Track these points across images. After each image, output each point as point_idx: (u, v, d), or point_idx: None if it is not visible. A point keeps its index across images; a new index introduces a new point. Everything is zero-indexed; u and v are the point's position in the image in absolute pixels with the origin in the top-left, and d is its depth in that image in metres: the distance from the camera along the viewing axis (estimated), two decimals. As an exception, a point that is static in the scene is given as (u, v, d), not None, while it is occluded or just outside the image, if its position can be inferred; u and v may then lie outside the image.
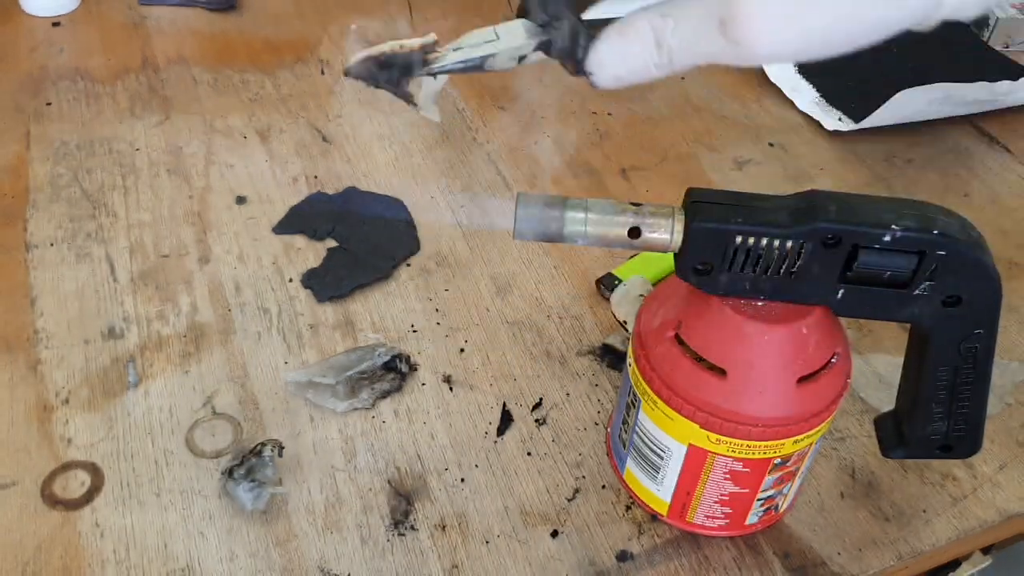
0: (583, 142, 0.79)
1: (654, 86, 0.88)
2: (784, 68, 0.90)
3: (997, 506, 0.54)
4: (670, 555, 0.50)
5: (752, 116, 0.85)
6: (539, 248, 0.69)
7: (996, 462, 0.56)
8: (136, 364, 0.58)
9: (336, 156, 0.76)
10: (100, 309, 0.62)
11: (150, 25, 0.90)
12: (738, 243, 0.40)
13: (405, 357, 0.59)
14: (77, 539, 0.49)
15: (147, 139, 0.76)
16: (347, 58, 0.39)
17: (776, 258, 0.41)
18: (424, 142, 0.78)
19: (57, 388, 0.57)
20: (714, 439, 0.44)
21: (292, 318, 0.62)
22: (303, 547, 0.50)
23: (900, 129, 0.83)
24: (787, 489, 0.49)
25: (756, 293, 0.42)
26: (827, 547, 0.51)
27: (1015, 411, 0.59)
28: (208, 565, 0.49)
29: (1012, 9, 0.94)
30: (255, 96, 0.82)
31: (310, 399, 0.57)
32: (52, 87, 0.81)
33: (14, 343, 0.59)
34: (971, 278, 0.41)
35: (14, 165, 0.73)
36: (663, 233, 0.41)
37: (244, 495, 0.50)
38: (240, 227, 0.69)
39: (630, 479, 0.51)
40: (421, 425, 0.56)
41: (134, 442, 0.54)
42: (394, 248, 0.67)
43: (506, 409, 0.57)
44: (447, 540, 0.51)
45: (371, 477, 0.53)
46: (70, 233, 0.67)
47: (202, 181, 0.72)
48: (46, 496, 0.51)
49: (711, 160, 0.79)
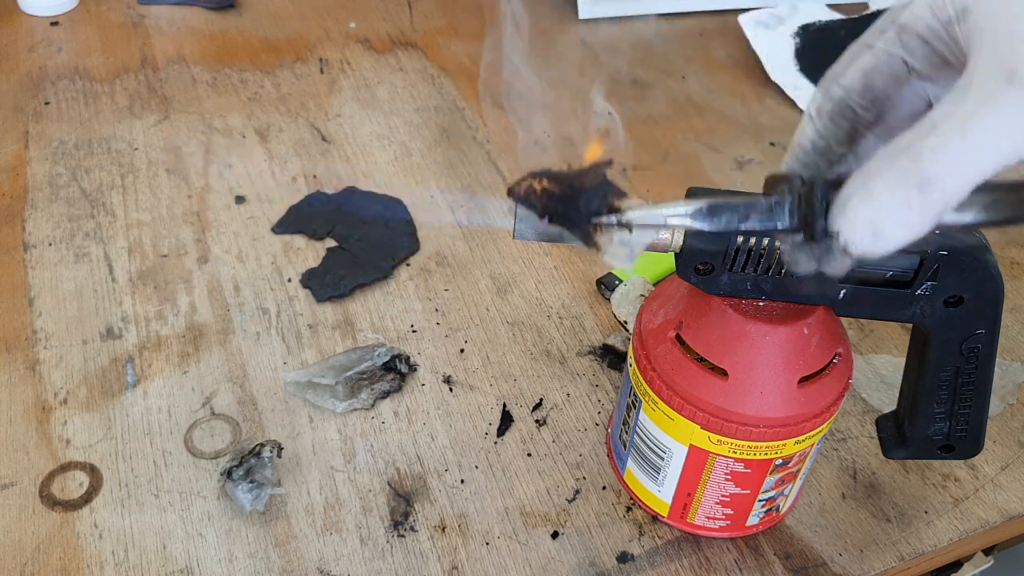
0: (583, 141, 0.79)
1: (654, 86, 0.88)
2: (785, 67, 0.89)
3: (999, 507, 0.54)
4: (671, 556, 0.50)
5: (753, 115, 0.84)
6: (539, 248, 0.68)
7: (998, 463, 0.56)
8: (135, 364, 0.58)
9: (335, 156, 0.76)
10: (99, 309, 0.61)
11: (149, 24, 0.90)
12: (739, 243, 0.40)
13: (405, 357, 0.59)
14: (76, 540, 0.49)
15: (146, 138, 0.76)
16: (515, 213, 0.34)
17: (777, 258, 0.40)
18: (424, 142, 0.78)
19: (56, 388, 0.56)
20: (715, 440, 0.44)
21: (291, 318, 0.62)
22: (302, 548, 0.50)
23: (901, 128, 0.82)
24: (788, 490, 0.49)
25: (757, 293, 0.42)
26: (828, 548, 0.51)
27: (1017, 411, 0.59)
28: (207, 566, 0.48)
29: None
30: (254, 95, 0.82)
31: (309, 399, 0.56)
32: (51, 86, 0.81)
33: (13, 343, 0.59)
34: (973, 278, 0.41)
35: (13, 165, 0.72)
36: (664, 233, 0.40)
37: (243, 496, 0.50)
38: (239, 227, 0.68)
39: (631, 480, 0.51)
40: (421, 426, 0.56)
41: (133, 443, 0.54)
42: (394, 248, 0.67)
43: (506, 409, 0.57)
44: (447, 541, 0.50)
45: (371, 478, 0.53)
46: (69, 233, 0.67)
47: (201, 181, 0.72)
48: (44, 497, 0.51)
49: (712, 159, 0.79)
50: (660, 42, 0.94)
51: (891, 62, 0.32)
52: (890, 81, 0.33)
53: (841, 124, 0.34)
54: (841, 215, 0.29)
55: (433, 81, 0.85)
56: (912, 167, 0.28)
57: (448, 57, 0.88)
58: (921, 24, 0.31)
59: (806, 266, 0.34)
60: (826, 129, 0.34)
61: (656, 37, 0.94)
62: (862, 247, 0.29)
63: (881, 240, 0.29)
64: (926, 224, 0.28)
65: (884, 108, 0.34)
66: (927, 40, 0.31)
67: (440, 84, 0.85)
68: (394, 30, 0.92)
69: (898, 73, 0.33)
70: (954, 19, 0.30)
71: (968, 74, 0.28)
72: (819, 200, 0.31)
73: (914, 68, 0.32)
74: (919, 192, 0.28)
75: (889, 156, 0.28)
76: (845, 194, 0.29)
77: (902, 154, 0.28)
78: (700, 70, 0.90)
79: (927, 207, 0.28)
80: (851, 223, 0.29)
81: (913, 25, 0.32)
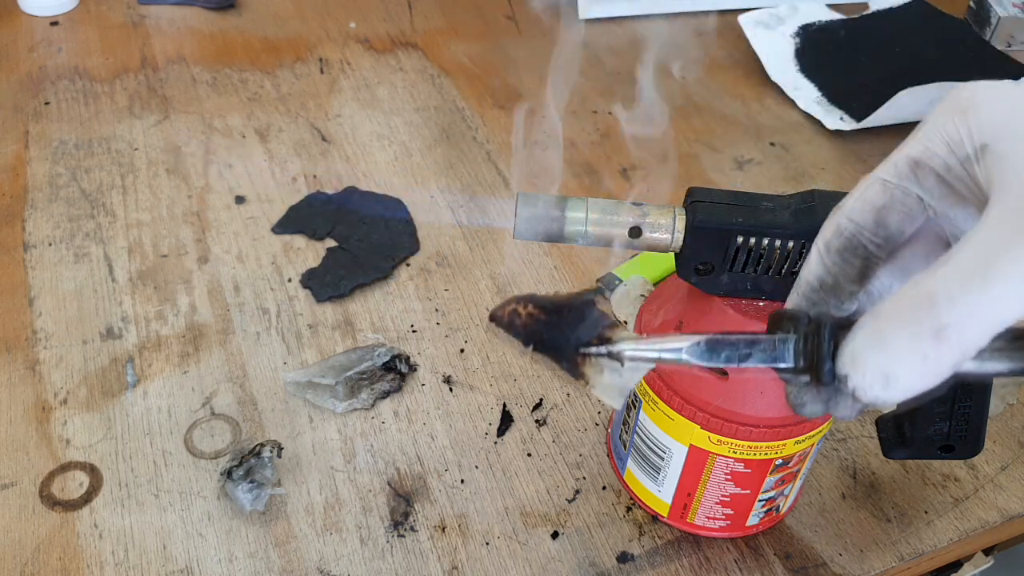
0: (583, 141, 0.79)
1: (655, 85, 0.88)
2: (785, 67, 0.89)
3: (999, 507, 0.54)
4: (671, 556, 0.50)
5: (753, 115, 0.84)
6: (539, 248, 0.68)
7: (998, 463, 0.56)
8: (135, 364, 0.58)
9: (335, 156, 0.76)
10: (99, 309, 0.61)
11: (149, 24, 0.90)
12: (739, 243, 0.40)
13: (405, 357, 0.59)
14: (75, 540, 0.49)
15: (146, 139, 0.76)
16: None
17: (777, 258, 0.40)
18: (424, 142, 0.78)
19: (56, 388, 0.56)
20: (715, 440, 0.44)
21: (291, 318, 0.62)
22: (302, 548, 0.50)
23: (902, 129, 0.82)
24: (788, 490, 0.49)
25: (757, 293, 0.42)
26: (828, 548, 0.51)
27: (1017, 412, 0.59)
28: (207, 566, 0.48)
29: (1014, 8, 0.93)
30: (254, 95, 0.82)
31: (309, 399, 0.56)
32: (51, 86, 0.81)
33: (13, 343, 0.59)
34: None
35: (12, 165, 0.72)
36: (664, 233, 0.40)
37: (243, 496, 0.50)
38: (239, 227, 0.68)
39: (631, 480, 0.51)
40: (421, 426, 0.56)
41: (133, 443, 0.54)
42: (394, 248, 0.67)
43: (506, 410, 0.57)
44: (447, 541, 0.50)
45: (371, 478, 0.53)
46: (68, 233, 0.67)
47: (201, 181, 0.72)
48: (44, 497, 0.51)
49: (712, 159, 0.79)
50: (660, 42, 0.94)
51: (905, 198, 0.30)
52: (904, 218, 0.31)
53: (852, 261, 0.31)
54: (850, 360, 0.27)
55: (433, 81, 0.85)
56: (927, 312, 0.26)
57: (448, 57, 0.88)
58: (937, 160, 0.29)
59: (812, 409, 0.32)
60: (835, 266, 0.32)
61: (656, 37, 0.94)
62: (872, 395, 0.27)
63: (893, 389, 0.27)
64: (942, 373, 0.26)
65: (898, 245, 0.31)
66: (943, 177, 0.30)
67: (440, 84, 0.85)
68: (394, 30, 0.92)
69: (913, 210, 0.31)
70: (973, 156, 0.28)
71: (989, 214, 0.26)
72: (826, 341, 0.29)
73: (930, 205, 0.30)
74: (935, 340, 0.26)
75: (903, 299, 0.26)
76: (855, 338, 0.27)
77: (917, 298, 0.26)
78: (700, 70, 0.90)
79: (943, 356, 0.26)
80: (861, 369, 0.27)
81: (928, 161, 0.30)
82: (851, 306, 0.32)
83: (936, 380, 0.26)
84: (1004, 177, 0.27)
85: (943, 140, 0.29)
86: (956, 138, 0.29)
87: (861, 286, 0.32)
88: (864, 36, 0.93)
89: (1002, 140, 0.27)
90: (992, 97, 0.28)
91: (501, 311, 0.32)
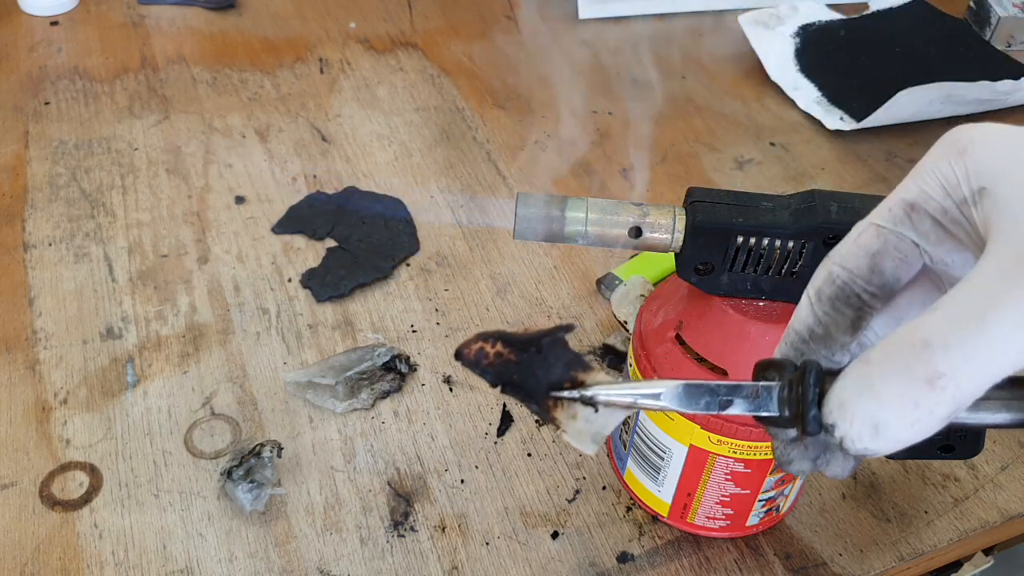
0: (583, 141, 0.79)
1: (655, 85, 0.88)
2: (785, 67, 0.89)
3: (999, 507, 0.54)
4: (671, 556, 0.50)
5: (753, 115, 0.84)
6: (539, 248, 0.68)
7: (998, 463, 0.56)
8: (135, 364, 0.58)
9: (335, 156, 0.76)
10: (99, 309, 0.61)
11: (149, 24, 0.90)
12: (739, 243, 0.40)
13: (405, 357, 0.59)
14: (75, 540, 0.49)
15: (146, 139, 0.76)
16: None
17: (777, 258, 0.40)
18: (424, 142, 0.78)
19: (56, 388, 0.56)
20: (715, 440, 0.44)
21: (291, 318, 0.62)
22: (302, 548, 0.50)
23: (901, 129, 0.82)
24: (788, 490, 0.49)
25: (757, 293, 0.42)
26: (828, 548, 0.51)
27: (1017, 411, 0.59)
28: (207, 566, 0.48)
29: (1014, 8, 0.93)
30: (254, 95, 0.82)
31: (309, 399, 0.56)
32: (51, 86, 0.81)
33: (13, 343, 0.59)
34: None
35: (12, 165, 0.72)
36: (664, 233, 0.40)
37: (243, 496, 0.50)
38: (239, 227, 0.68)
39: (631, 480, 0.51)
40: (421, 426, 0.56)
41: (133, 443, 0.54)
42: (394, 248, 0.67)
43: (506, 410, 0.57)
44: (447, 541, 0.50)
45: (371, 478, 0.53)
46: (68, 233, 0.67)
47: (201, 181, 0.72)
48: (44, 497, 0.51)
49: (712, 159, 0.79)
50: (660, 42, 0.94)
51: (900, 243, 0.29)
52: (900, 264, 0.29)
53: (844, 311, 0.29)
54: (837, 406, 0.26)
55: (433, 81, 0.85)
56: (921, 358, 0.24)
57: (448, 57, 0.88)
58: (933, 203, 0.28)
59: (800, 466, 0.30)
60: (827, 315, 0.30)
61: (656, 37, 0.94)
62: (861, 445, 0.26)
63: (883, 438, 0.25)
64: (935, 424, 0.25)
65: (893, 293, 0.30)
66: (939, 220, 0.28)
67: (440, 84, 0.85)
68: (394, 30, 0.92)
69: (908, 256, 0.29)
70: (970, 200, 0.27)
71: (987, 260, 0.25)
72: (812, 387, 0.27)
73: (926, 250, 0.29)
74: (928, 388, 0.24)
75: (894, 344, 0.25)
76: (842, 384, 0.26)
77: (909, 343, 0.25)
78: (700, 70, 0.90)
79: (937, 406, 0.24)
80: (849, 417, 0.26)
81: (924, 204, 0.28)
82: (843, 358, 0.30)
83: (929, 430, 0.25)
84: (1002, 222, 0.26)
85: (939, 183, 0.28)
86: (953, 181, 0.27)
87: (853, 337, 0.30)
88: (864, 36, 0.93)
89: (1001, 183, 0.26)
90: (990, 138, 0.27)
91: (467, 349, 0.30)
